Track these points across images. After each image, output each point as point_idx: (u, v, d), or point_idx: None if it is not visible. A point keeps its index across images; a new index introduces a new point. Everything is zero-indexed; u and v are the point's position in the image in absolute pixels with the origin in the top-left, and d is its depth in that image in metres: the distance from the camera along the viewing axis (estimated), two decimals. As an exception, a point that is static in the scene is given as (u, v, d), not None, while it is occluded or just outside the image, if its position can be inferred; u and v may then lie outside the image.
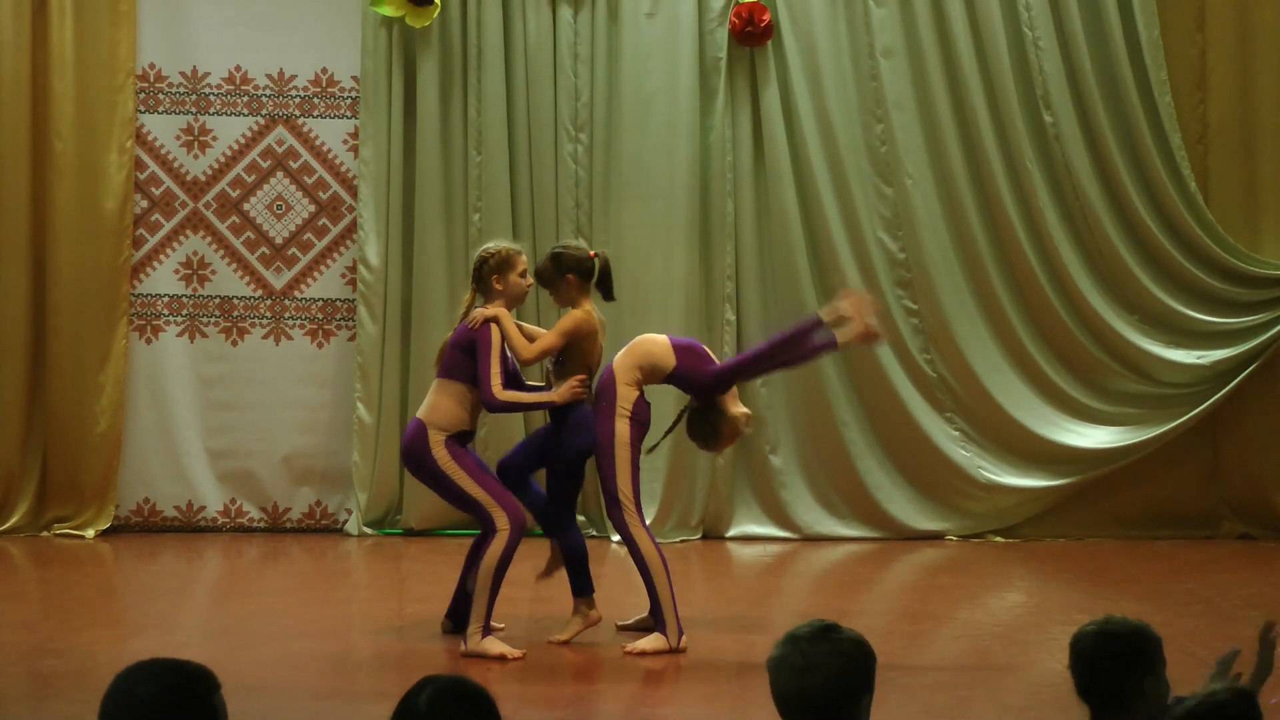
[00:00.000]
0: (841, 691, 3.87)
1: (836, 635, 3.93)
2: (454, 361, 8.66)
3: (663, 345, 8.88)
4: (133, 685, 3.66)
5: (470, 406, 8.66)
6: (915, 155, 12.56)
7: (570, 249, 9.03)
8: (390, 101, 12.43)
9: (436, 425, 8.62)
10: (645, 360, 8.82)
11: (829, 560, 12.02)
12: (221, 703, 3.63)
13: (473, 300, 8.76)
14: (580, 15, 12.49)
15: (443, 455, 8.58)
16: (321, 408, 12.61)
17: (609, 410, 8.68)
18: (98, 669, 8.29)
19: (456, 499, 8.70)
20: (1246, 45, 12.62)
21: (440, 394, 8.67)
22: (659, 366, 8.82)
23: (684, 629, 8.68)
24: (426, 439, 8.61)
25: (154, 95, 12.52)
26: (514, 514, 8.54)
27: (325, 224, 12.63)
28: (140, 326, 12.48)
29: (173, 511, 12.48)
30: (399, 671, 8.21)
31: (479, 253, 8.88)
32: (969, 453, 12.58)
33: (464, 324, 8.65)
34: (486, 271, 8.71)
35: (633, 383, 8.74)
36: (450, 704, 3.70)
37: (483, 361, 8.54)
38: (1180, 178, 12.46)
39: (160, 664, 3.68)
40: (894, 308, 12.51)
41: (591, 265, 8.89)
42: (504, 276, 8.69)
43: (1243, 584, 10.75)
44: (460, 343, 8.64)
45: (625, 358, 8.83)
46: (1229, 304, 12.55)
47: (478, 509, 8.60)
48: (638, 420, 8.71)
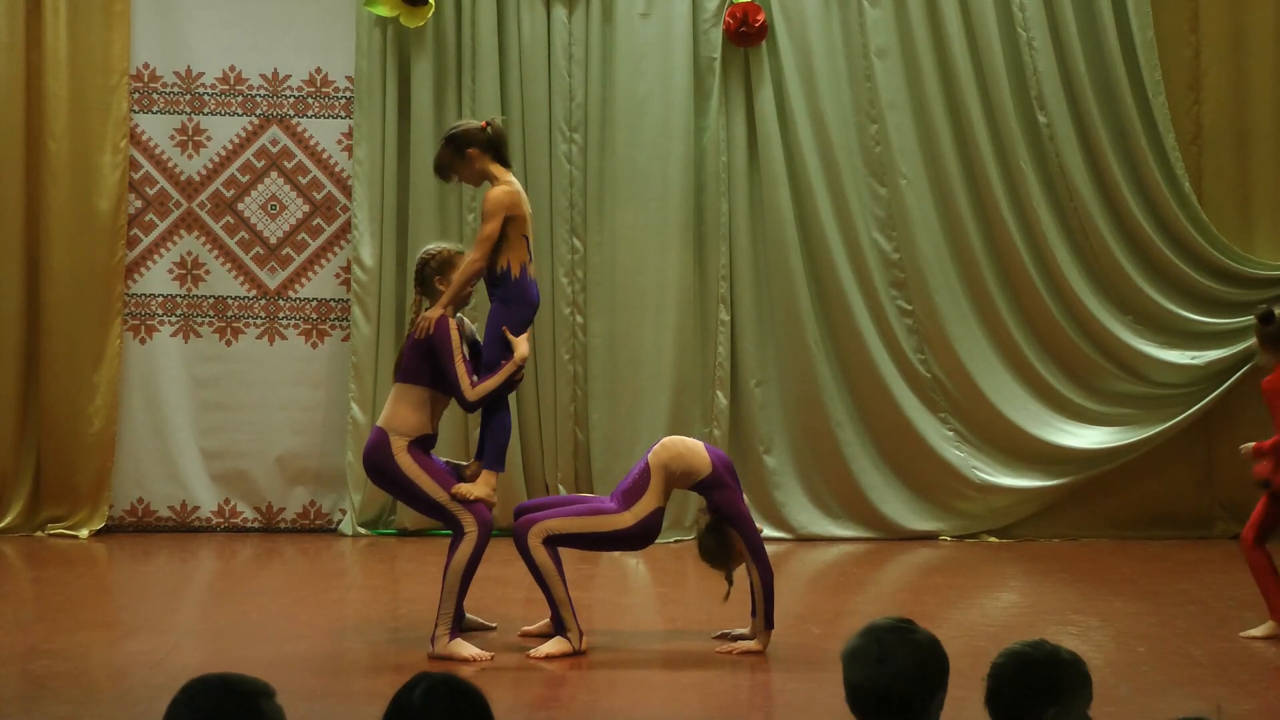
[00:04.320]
0: (915, 686, 3.89)
1: (913, 632, 3.95)
2: (411, 366, 8.62)
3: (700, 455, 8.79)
4: (191, 699, 3.71)
5: (430, 410, 8.64)
6: (909, 156, 12.58)
7: (459, 126, 8.99)
8: (385, 102, 12.43)
9: (397, 431, 8.59)
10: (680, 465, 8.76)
11: (823, 561, 12.03)
12: (276, 710, 3.69)
13: (419, 304, 8.75)
14: (574, 15, 12.50)
15: (406, 461, 8.56)
16: (316, 408, 12.62)
17: (631, 499, 8.66)
18: (91, 670, 8.31)
19: (422, 504, 8.68)
20: (1240, 46, 12.64)
21: (399, 400, 8.64)
22: (693, 472, 8.77)
23: (584, 630, 8.66)
24: (388, 446, 8.58)
25: (148, 95, 12.52)
26: (480, 516, 8.52)
27: (319, 224, 12.63)
28: (134, 326, 12.48)
29: (167, 512, 12.48)
30: (393, 672, 8.21)
31: (420, 255, 8.83)
32: (963, 453, 12.59)
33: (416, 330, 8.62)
34: (429, 273, 8.68)
35: (662, 495, 8.72)
36: (444, 700, 3.73)
37: (448, 365, 8.52)
38: (1174, 178, 12.47)
39: (214, 679, 3.74)
40: (888, 308, 12.53)
41: (486, 134, 8.80)
42: (446, 277, 8.65)
43: (1236, 584, 10.74)
44: (416, 349, 8.60)
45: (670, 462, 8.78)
46: (1223, 304, 12.56)
47: (444, 513, 8.58)
48: (642, 527, 8.69)
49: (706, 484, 8.69)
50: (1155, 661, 8.50)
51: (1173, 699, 7.72)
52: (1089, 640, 9.07)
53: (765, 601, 8.66)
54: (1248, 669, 8.37)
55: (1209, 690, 7.91)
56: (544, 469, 12.48)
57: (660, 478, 8.66)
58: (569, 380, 12.50)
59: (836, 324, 12.60)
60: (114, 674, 8.21)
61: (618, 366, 12.51)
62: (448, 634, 8.47)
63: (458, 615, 8.54)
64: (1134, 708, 7.53)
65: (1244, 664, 8.49)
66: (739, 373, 12.63)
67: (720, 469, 8.69)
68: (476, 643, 8.62)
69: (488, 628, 9.10)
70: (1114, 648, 8.99)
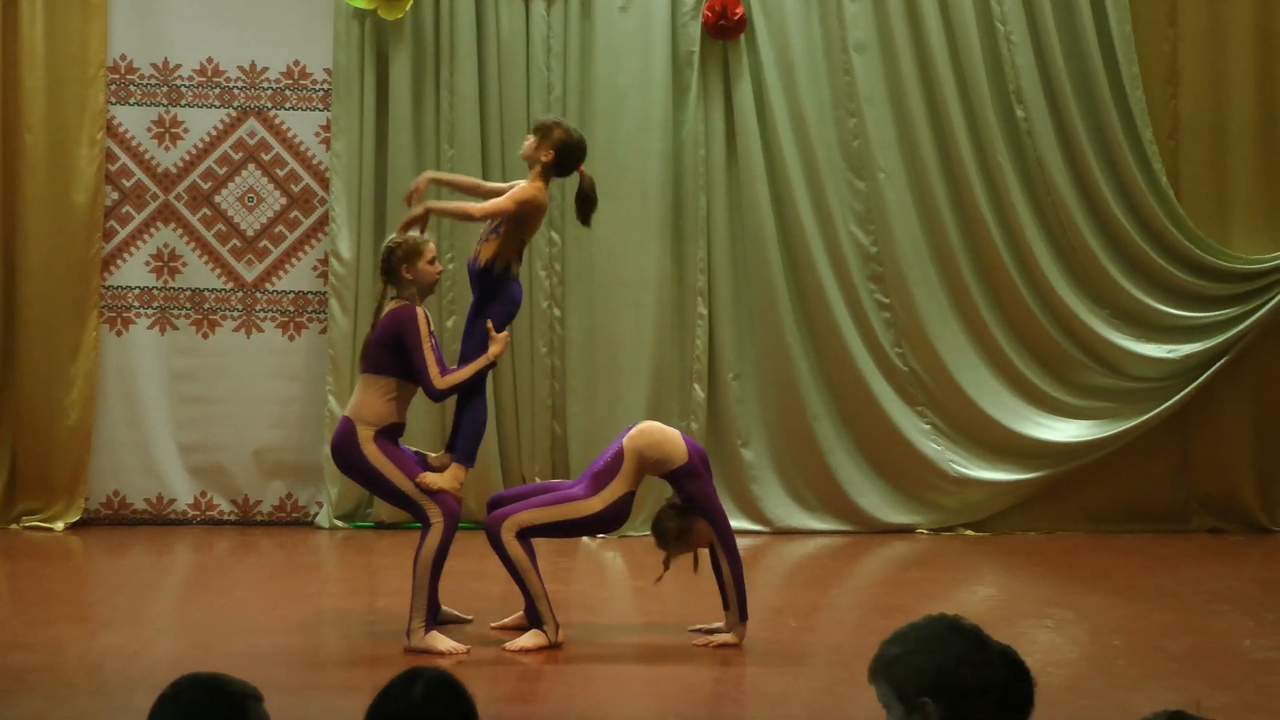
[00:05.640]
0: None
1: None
2: (378, 357, 8.60)
3: (677, 442, 8.79)
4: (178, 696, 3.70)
5: (398, 400, 8.61)
6: (888, 150, 12.58)
7: (562, 124, 9.22)
8: (362, 94, 12.41)
9: (365, 421, 8.57)
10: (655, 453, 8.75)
11: (800, 554, 12.04)
12: (263, 715, 3.69)
13: (384, 293, 8.72)
14: (553, 9, 12.49)
15: (373, 451, 8.54)
16: (293, 401, 12.59)
17: (601, 482, 8.66)
18: (66, 663, 8.29)
19: (389, 494, 8.67)
20: (1218, 40, 12.66)
21: (366, 390, 8.62)
22: (667, 460, 8.76)
23: (560, 622, 8.67)
24: (356, 436, 8.56)
25: (125, 87, 12.49)
26: (446, 506, 8.50)
27: (297, 216, 12.61)
28: (111, 319, 12.45)
29: (143, 504, 12.45)
30: (369, 665, 8.21)
31: (385, 244, 8.82)
32: (940, 446, 12.60)
33: (385, 319, 8.59)
34: (395, 261, 8.65)
35: (633, 480, 8.71)
36: (444, 696, 3.72)
37: (416, 355, 8.50)
38: (1151, 172, 12.49)
39: (204, 679, 3.72)
40: (866, 301, 12.54)
41: (569, 145, 9.00)
42: (412, 265, 8.63)
43: (1212, 578, 10.79)
44: (383, 339, 8.59)
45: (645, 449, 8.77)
46: (1199, 298, 12.59)
47: (410, 503, 8.58)
48: (612, 512, 8.68)
49: (679, 473, 8.68)
50: (1131, 655, 8.51)
51: (1148, 693, 7.73)
52: (1064, 634, 9.10)
53: (738, 594, 8.67)
54: (1223, 663, 8.39)
55: (1184, 684, 7.92)
56: (521, 462, 12.48)
57: (634, 463, 8.65)
58: (546, 374, 12.50)
59: (814, 318, 12.60)
60: (89, 667, 8.19)
61: (595, 360, 12.51)
62: (422, 627, 8.46)
63: (432, 607, 8.53)
64: (1110, 702, 7.55)
65: (1219, 658, 8.51)
66: (716, 366, 12.63)
67: (695, 459, 8.69)
68: (452, 635, 8.61)
69: (464, 620, 9.10)
70: (1089, 641, 9.01)
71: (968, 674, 3.81)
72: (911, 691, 3.80)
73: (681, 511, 8.69)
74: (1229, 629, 9.20)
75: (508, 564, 8.57)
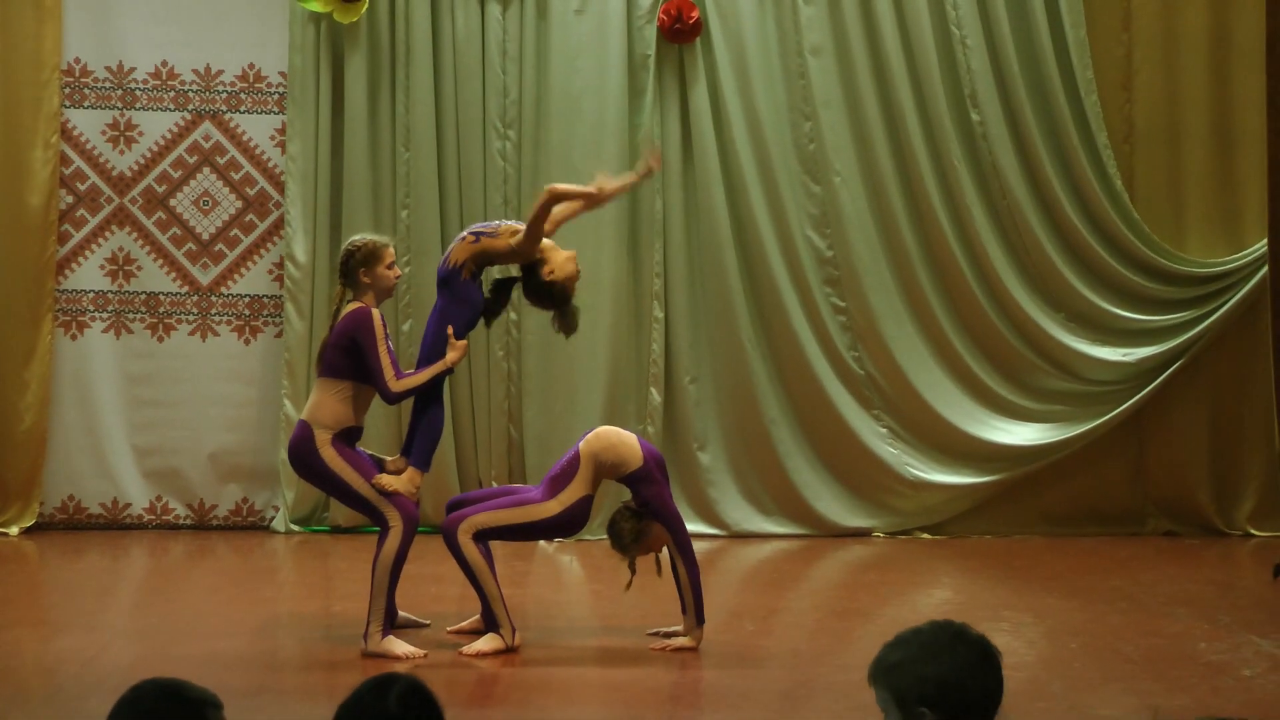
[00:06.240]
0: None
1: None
2: (334, 360, 8.56)
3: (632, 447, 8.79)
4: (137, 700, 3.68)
5: (355, 403, 8.58)
6: (843, 153, 12.61)
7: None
8: (318, 98, 12.39)
9: (322, 425, 8.53)
10: (612, 457, 8.75)
11: (757, 558, 12.04)
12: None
13: (342, 296, 8.67)
14: (509, 12, 12.47)
15: (330, 454, 8.50)
16: (248, 404, 12.56)
17: (558, 486, 8.66)
18: (21, 668, 8.25)
19: (347, 498, 8.63)
20: (1172, 45, 12.70)
21: (323, 393, 8.57)
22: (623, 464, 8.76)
23: (516, 626, 8.66)
24: (313, 439, 8.52)
25: (79, 90, 12.44)
26: (404, 510, 8.48)
27: (252, 220, 12.58)
28: (65, 323, 12.40)
29: (98, 509, 12.41)
30: (327, 670, 8.19)
31: (345, 246, 8.76)
32: (896, 450, 12.62)
33: (341, 322, 8.56)
34: (354, 265, 8.61)
35: (590, 484, 8.70)
36: (418, 704, 3.70)
37: (371, 356, 8.47)
38: (1106, 176, 12.54)
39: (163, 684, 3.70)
40: (822, 305, 12.56)
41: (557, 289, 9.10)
42: (371, 269, 8.60)
43: (1168, 580, 10.82)
44: (339, 342, 8.55)
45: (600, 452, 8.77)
46: (1154, 302, 12.64)
47: (369, 507, 8.55)
48: (569, 515, 8.68)
49: (635, 477, 8.68)
50: (1087, 658, 8.53)
51: (1104, 695, 7.75)
52: (1021, 637, 9.10)
53: (695, 598, 8.67)
54: (1178, 665, 8.41)
55: (1141, 686, 7.94)
56: (478, 466, 12.47)
57: (590, 467, 8.65)
58: (503, 377, 12.49)
59: (770, 321, 12.62)
60: (44, 672, 8.15)
61: (551, 363, 12.50)
62: (380, 631, 8.44)
63: (389, 612, 8.51)
64: (1066, 704, 7.56)
65: (1175, 660, 8.53)
66: (673, 369, 12.64)
67: (651, 463, 8.69)
68: (409, 640, 8.59)
69: (421, 625, 9.08)
70: (1046, 644, 9.03)
71: (970, 686, 3.80)
72: (911, 700, 3.79)
73: (636, 514, 8.69)
74: (1185, 631, 9.23)
75: (464, 566, 8.55)
